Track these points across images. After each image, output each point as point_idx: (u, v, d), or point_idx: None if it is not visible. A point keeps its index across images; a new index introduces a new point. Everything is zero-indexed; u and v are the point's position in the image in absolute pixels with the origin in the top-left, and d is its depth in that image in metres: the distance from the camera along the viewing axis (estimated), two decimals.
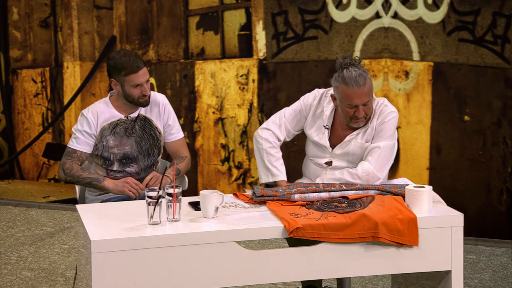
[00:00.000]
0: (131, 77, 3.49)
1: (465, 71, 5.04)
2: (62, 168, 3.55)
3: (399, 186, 3.15)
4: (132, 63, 3.49)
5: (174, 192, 2.86)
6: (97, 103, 3.63)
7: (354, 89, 3.28)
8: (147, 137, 3.63)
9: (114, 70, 3.52)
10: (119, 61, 3.50)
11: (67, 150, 3.58)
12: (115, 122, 3.58)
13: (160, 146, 3.69)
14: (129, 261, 2.69)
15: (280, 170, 3.48)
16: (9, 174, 6.80)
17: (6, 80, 6.72)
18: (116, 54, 3.54)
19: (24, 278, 4.35)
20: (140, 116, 3.63)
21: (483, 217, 5.07)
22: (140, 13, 6.04)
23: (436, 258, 2.95)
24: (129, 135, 3.60)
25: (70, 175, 3.52)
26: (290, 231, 2.81)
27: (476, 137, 5.05)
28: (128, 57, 3.50)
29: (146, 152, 3.63)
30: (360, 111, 3.33)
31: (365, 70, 3.34)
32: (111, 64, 3.53)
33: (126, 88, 3.52)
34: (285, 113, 3.56)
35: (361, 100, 3.30)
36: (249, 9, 5.63)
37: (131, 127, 3.60)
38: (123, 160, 3.58)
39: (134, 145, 3.60)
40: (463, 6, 4.99)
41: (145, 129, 3.63)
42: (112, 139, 3.57)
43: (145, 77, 3.52)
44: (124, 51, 3.55)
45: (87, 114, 3.57)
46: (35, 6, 6.53)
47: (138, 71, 3.50)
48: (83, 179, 3.51)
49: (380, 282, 4.25)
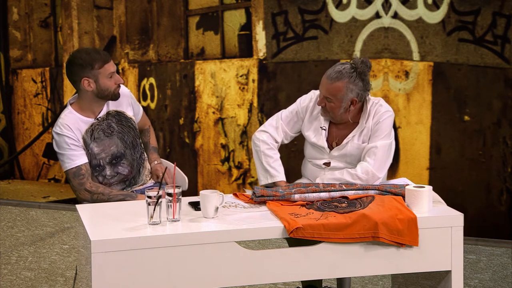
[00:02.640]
0: (105, 67, 3.45)
1: (465, 71, 5.04)
2: (83, 188, 3.45)
3: (399, 186, 3.16)
4: (101, 54, 3.47)
5: (174, 192, 2.86)
6: (63, 117, 3.50)
7: (323, 78, 3.38)
8: (127, 130, 3.61)
9: (86, 67, 3.44)
10: (88, 57, 3.44)
11: (71, 171, 3.45)
12: (90, 129, 3.51)
13: (139, 134, 3.69)
14: (129, 261, 2.69)
15: (278, 170, 3.48)
16: (9, 174, 6.80)
17: (6, 80, 6.72)
18: (79, 54, 3.48)
19: (24, 278, 4.35)
20: (112, 112, 3.58)
21: (483, 217, 5.07)
22: (140, 13, 6.04)
23: (436, 258, 2.95)
24: (109, 135, 3.55)
25: (98, 193, 3.45)
26: (290, 231, 2.81)
27: (476, 137, 5.05)
28: (94, 51, 3.49)
29: (131, 145, 3.61)
30: (321, 99, 3.39)
31: (351, 75, 3.34)
32: (80, 63, 3.44)
33: (102, 81, 3.46)
34: (282, 115, 3.57)
35: (322, 88, 3.38)
36: (249, 9, 5.63)
37: (107, 126, 3.55)
38: (113, 161, 3.55)
39: (119, 142, 3.57)
40: (463, 6, 4.99)
41: (122, 122, 3.60)
42: (95, 145, 3.51)
43: (115, 66, 3.51)
44: (84, 49, 3.58)
45: (62, 132, 3.45)
46: (35, 6, 6.53)
47: (110, 60, 3.48)
48: (115, 196, 3.46)
49: (380, 282, 4.25)
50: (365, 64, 3.35)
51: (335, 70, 3.35)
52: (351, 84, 3.33)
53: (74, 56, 3.49)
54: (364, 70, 3.35)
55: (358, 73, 3.34)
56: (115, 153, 3.56)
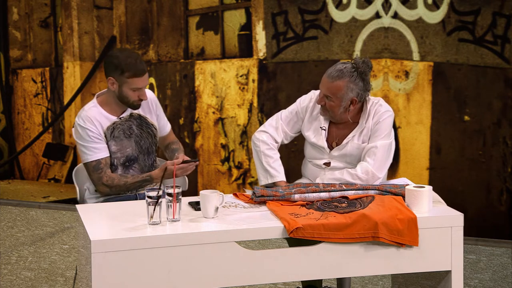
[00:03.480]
0: (134, 80, 3.41)
1: (465, 71, 5.04)
2: (101, 183, 3.44)
3: (399, 186, 3.16)
4: (138, 66, 3.40)
5: (174, 192, 2.86)
6: (87, 109, 3.50)
7: (324, 76, 3.38)
8: (146, 135, 3.60)
9: (117, 69, 3.41)
10: (124, 61, 3.39)
11: (91, 164, 3.45)
12: (112, 126, 3.50)
13: (157, 142, 3.66)
14: (129, 261, 2.69)
15: (278, 170, 3.47)
16: (9, 174, 6.80)
17: (6, 80, 6.72)
18: (120, 53, 3.44)
19: (24, 278, 4.35)
20: (135, 115, 3.56)
21: (483, 217, 5.07)
22: (140, 13, 6.04)
23: (436, 258, 2.95)
24: (128, 136, 3.54)
25: (114, 185, 3.45)
26: (290, 231, 2.81)
27: (476, 137, 5.05)
28: (134, 59, 3.41)
29: (146, 151, 3.61)
30: (321, 98, 3.39)
31: (352, 75, 3.34)
32: (114, 63, 3.41)
33: (125, 89, 3.43)
34: (282, 116, 3.57)
35: (322, 86, 3.38)
36: (249, 9, 5.63)
37: (128, 127, 3.54)
38: (126, 163, 3.55)
39: (134, 146, 3.56)
40: (463, 6, 4.99)
41: (142, 127, 3.59)
42: (114, 143, 3.51)
43: (146, 82, 3.45)
44: (128, 52, 3.47)
45: (85, 125, 3.44)
46: (35, 6, 6.53)
47: (142, 76, 3.42)
48: (132, 185, 3.46)
49: (380, 282, 4.25)
50: (366, 64, 3.36)
51: (336, 69, 3.36)
52: (351, 83, 3.33)
53: (115, 54, 3.46)
54: (365, 70, 3.35)
55: (359, 73, 3.34)
56: (129, 155, 3.55)
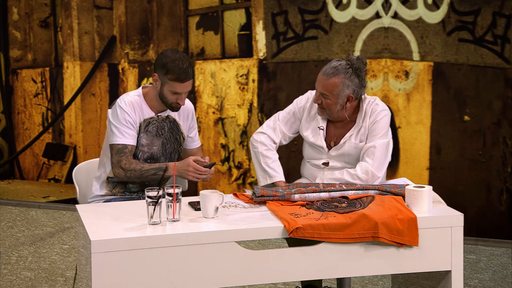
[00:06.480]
0: (174, 84, 3.41)
1: (465, 71, 5.04)
2: (118, 166, 3.43)
3: (399, 186, 3.16)
4: (182, 71, 3.39)
5: (174, 192, 2.86)
6: (132, 95, 3.51)
7: (319, 74, 3.39)
8: (173, 140, 3.59)
9: (163, 68, 3.41)
10: (172, 63, 3.39)
11: (116, 147, 3.44)
12: (148, 120, 3.51)
13: (180, 151, 3.66)
14: (129, 261, 2.69)
15: (277, 171, 3.48)
16: (9, 174, 6.80)
17: (6, 80, 6.72)
18: (171, 54, 3.43)
19: (24, 278, 4.35)
20: (170, 118, 3.56)
21: (483, 217, 5.07)
22: (140, 13, 6.04)
23: (436, 258, 2.95)
24: (159, 135, 3.54)
25: (131, 169, 3.42)
26: (290, 231, 2.81)
27: (476, 137, 5.05)
28: (182, 63, 3.39)
29: (168, 155, 3.60)
30: (317, 97, 3.39)
31: (347, 71, 3.35)
32: (163, 61, 3.42)
33: (165, 90, 3.43)
34: (279, 116, 3.57)
35: (318, 85, 3.38)
36: (249, 9, 5.63)
37: (161, 127, 3.54)
38: (148, 160, 3.54)
39: (160, 146, 3.56)
40: (463, 6, 4.99)
41: (173, 131, 3.59)
42: (145, 137, 3.51)
43: (187, 89, 3.44)
44: (180, 55, 3.43)
45: (125, 109, 3.45)
46: (35, 6, 6.52)
47: (184, 82, 3.41)
48: (146, 171, 3.42)
49: (380, 282, 4.25)
50: (360, 60, 3.37)
51: (331, 66, 3.37)
52: (347, 80, 3.34)
53: (166, 53, 3.45)
54: (359, 66, 3.35)
55: (354, 69, 3.35)
56: (154, 153, 3.55)
